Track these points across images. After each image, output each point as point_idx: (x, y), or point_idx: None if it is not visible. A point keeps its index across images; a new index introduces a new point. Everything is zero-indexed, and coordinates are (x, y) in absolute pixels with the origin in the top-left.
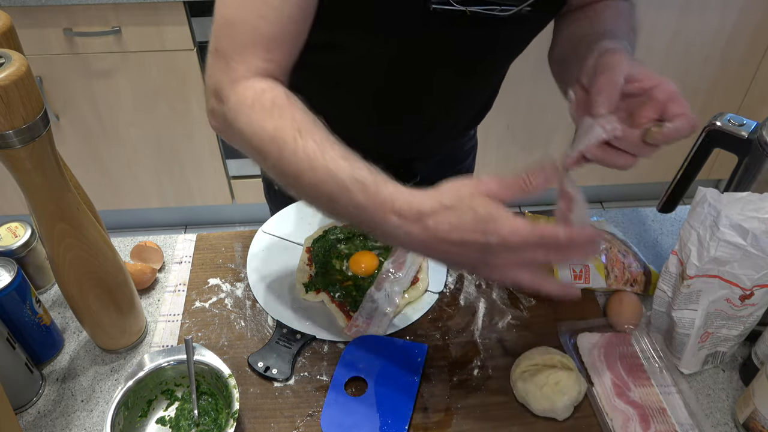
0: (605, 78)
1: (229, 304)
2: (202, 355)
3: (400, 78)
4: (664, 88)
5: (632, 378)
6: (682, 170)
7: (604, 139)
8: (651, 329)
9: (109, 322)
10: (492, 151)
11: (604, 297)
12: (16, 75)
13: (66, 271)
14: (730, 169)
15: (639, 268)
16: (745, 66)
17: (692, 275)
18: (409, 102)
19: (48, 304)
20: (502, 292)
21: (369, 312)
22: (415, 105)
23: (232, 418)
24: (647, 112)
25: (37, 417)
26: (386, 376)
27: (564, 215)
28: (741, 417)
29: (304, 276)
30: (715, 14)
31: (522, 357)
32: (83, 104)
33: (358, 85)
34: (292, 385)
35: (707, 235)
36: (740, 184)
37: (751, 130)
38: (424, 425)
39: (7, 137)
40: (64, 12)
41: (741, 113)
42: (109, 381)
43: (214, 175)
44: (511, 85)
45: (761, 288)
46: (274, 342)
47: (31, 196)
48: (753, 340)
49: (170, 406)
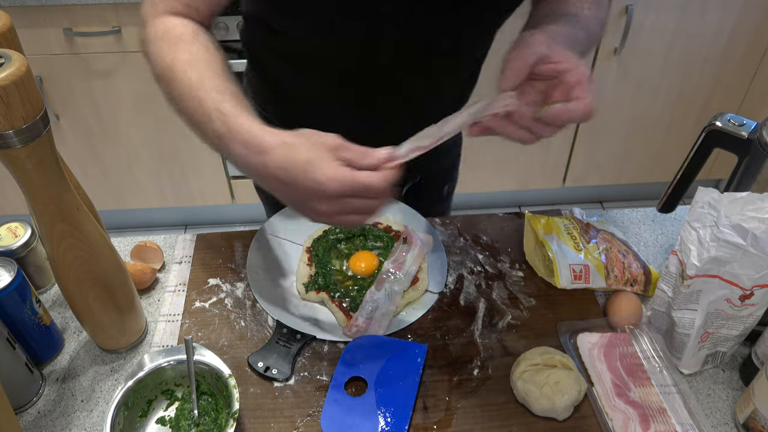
0: (516, 54)
1: (229, 304)
2: (202, 355)
3: (369, 59)
4: (576, 72)
5: (632, 378)
6: (682, 170)
7: (494, 113)
8: (651, 329)
9: (109, 322)
10: (492, 152)
11: (604, 297)
12: (16, 75)
13: (66, 271)
14: (730, 169)
15: (639, 268)
16: (745, 66)
17: (692, 275)
18: (382, 82)
19: (48, 304)
20: (502, 292)
21: (369, 312)
22: (389, 86)
23: (232, 418)
24: (555, 93)
25: (37, 417)
26: (386, 376)
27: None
28: (741, 417)
29: (304, 276)
30: (715, 14)
31: (522, 357)
32: (83, 104)
33: (330, 69)
34: (292, 385)
35: (707, 235)
36: (740, 184)
37: (751, 130)
38: (424, 425)
39: (7, 137)
40: (64, 12)
41: (741, 113)
42: (109, 381)
43: (214, 175)
44: None
45: (761, 288)
46: (274, 342)
47: (31, 196)
48: (753, 340)
49: (170, 406)
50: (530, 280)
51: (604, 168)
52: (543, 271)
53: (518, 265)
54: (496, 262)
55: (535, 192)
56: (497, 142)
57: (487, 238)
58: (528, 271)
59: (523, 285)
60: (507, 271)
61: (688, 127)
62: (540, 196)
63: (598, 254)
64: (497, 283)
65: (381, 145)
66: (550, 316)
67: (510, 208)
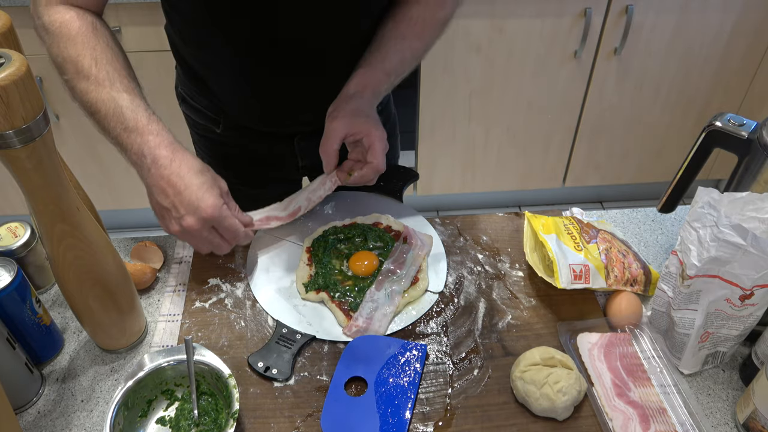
0: (325, 146)
1: (229, 304)
2: (202, 355)
3: (263, 38)
4: (369, 138)
5: (632, 378)
6: (682, 170)
7: (324, 195)
8: (651, 329)
9: (109, 322)
10: (492, 152)
11: (604, 297)
12: (16, 75)
13: (66, 271)
14: (730, 169)
15: (639, 268)
16: (745, 66)
17: (692, 275)
18: (278, 62)
19: (48, 304)
20: (502, 292)
21: (369, 312)
22: (283, 65)
23: (232, 418)
24: (353, 154)
25: (37, 417)
26: (386, 376)
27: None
28: (741, 417)
29: (304, 276)
30: (715, 14)
31: (522, 357)
32: None
33: (229, 44)
34: (292, 385)
35: (707, 235)
36: (740, 184)
37: (751, 130)
38: (424, 425)
39: (7, 137)
40: None
41: (741, 113)
42: (109, 381)
43: None
44: (512, 85)
45: (761, 288)
46: (274, 342)
47: (31, 196)
48: (753, 340)
49: (170, 406)
50: (530, 280)
51: (604, 168)
52: (543, 271)
53: (518, 265)
54: (496, 262)
55: (535, 192)
56: (497, 143)
57: (487, 238)
58: (528, 271)
59: (523, 285)
60: (507, 271)
61: (688, 127)
62: (540, 196)
63: (598, 254)
64: (497, 283)
65: (291, 106)
66: (550, 316)
67: (510, 208)
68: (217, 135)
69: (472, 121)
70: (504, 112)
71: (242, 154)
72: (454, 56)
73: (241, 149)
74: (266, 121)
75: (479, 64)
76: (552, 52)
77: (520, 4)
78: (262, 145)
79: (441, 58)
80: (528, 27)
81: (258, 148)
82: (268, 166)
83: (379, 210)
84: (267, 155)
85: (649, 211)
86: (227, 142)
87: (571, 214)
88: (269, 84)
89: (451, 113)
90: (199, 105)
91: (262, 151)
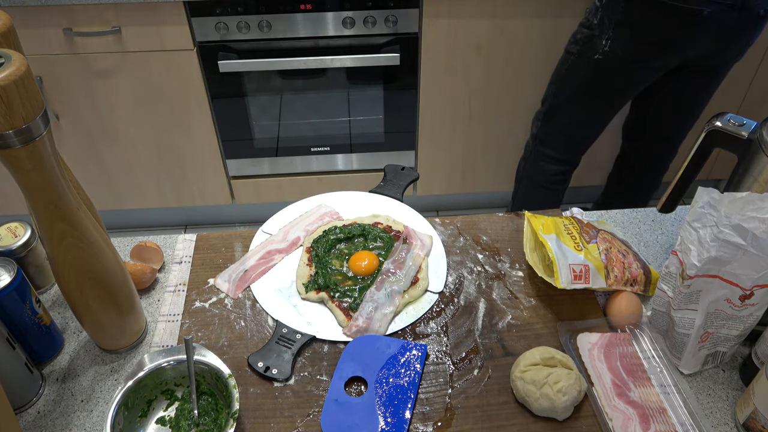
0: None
1: (229, 304)
2: (202, 355)
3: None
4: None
5: (632, 378)
6: (682, 170)
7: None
8: (651, 329)
9: (109, 322)
10: (492, 152)
11: (604, 297)
12: (16, 75)
13: (66, 271)
14: (730, 169)
15: (639, 268)
16: (745, 66)
17: (692, 275)
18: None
19: (48, 304)
20: (502, 292)
21: (369, 312)
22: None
23: (232, 418)
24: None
25: (37, 417)
26: (386, 376)
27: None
28: (741, 417)
29: (304, 276)
30: None
31: (522, 357)
32: (83, 104)
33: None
34: (292, 385)
35: (707, 235)
36: (740, 184)
37: (751, 130)
38: (424, 425)
39: (7, 137)
40: (64, 12)
41: (741, 113)
42: (109, 381)
43: (214, 175)
44: (512, 86)
45: (761, 288)
46: (274, 342)
47: (31, 196)
48: (753, 340)
49: (170, 406)
50: (530, 280)
51: (604, 168)
52: (543, 271)
53: (518, 265)
54: (496, 262)
55: None
56: (497, 143)
57: (487, 238)
58: (528, 271)
59: (523, 285)
60: (507, 271)
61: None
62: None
63: (598, 254)
64: (497, 283)
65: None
66: (550, 316)
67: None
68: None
69: (472, 122)
70: (504, 113)
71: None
72: (454, 56)
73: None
74: None
75: (479, 64)
76: (552, 52)
77: (520, 4)
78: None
79: (441, 58)
80: (528, 27)
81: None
82: None
83: (379, 210)
84: None
85: (649, 211)
86: None
87: (571, 214)
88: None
89: (451, 113)
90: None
91: None
